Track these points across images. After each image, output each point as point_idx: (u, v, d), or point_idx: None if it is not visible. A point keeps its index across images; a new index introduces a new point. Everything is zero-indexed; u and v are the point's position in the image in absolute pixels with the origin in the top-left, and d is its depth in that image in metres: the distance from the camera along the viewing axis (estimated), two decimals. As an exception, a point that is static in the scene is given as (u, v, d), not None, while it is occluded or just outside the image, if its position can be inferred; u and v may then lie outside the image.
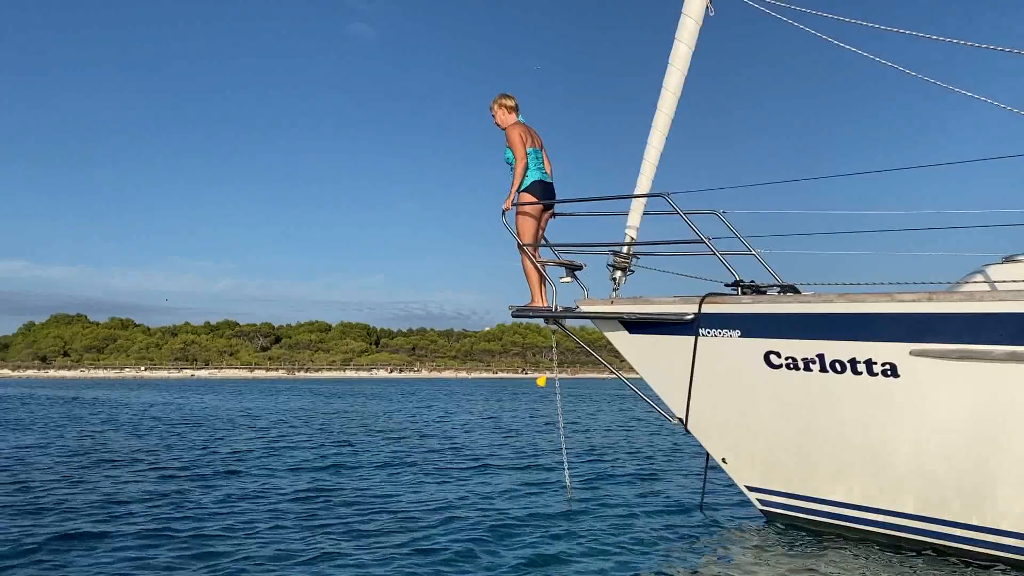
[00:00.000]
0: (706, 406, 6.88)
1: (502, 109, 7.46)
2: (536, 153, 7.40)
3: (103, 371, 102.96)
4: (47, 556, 5.86)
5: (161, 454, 12.55)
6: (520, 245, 7.41)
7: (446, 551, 6.11)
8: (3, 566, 5.56)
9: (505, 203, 7.33)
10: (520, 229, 7.36)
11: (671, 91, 7.25)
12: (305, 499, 8.27)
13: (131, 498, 8.26)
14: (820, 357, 6.02)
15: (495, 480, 9.72)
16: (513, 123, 7.40)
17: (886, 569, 5.57)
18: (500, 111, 7.47)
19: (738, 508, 7.66)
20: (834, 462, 6.23)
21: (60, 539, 6.37)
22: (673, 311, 6.74)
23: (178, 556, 5.85)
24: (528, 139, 7.33)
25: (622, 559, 5.95)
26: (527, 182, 7.27)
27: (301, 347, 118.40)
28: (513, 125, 7.37)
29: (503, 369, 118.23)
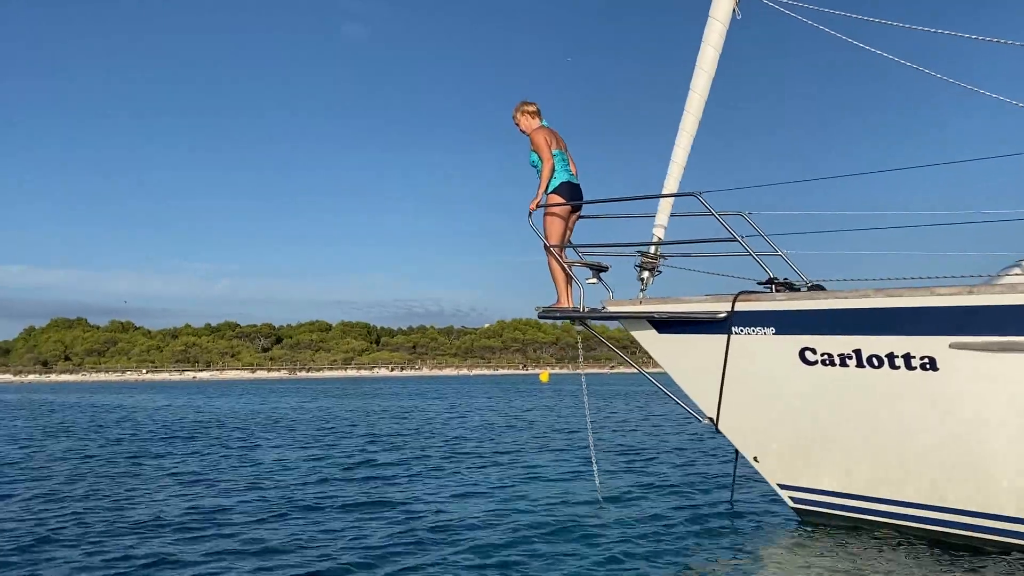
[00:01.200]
0: (738, 404, 6.91)
1: (525, 116, 7.55)
2: (562, 155, 7.45)
3: (105, 374, 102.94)
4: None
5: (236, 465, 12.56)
6: (546, 246, 7.44)
7: (474, 553, 6.14)
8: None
9: (531, 204, 7.37)
10: (547, 230, 7.39)
11: (698, 93, 7.28)
12: (346, 500, 8.31)
13: (226, 507, 8.30)
14: (857, 353, 6.06)
15: (524, 480, 9.74)
16: (537, 127, 7.48)
17: (925, 566, 5.61)
18: (523, 118, 7.55)
19: (768, 506, 7.69)
20: (871, 458, 6.27)
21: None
22: (705, 310, 6.77)
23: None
24: (553, 142, 7.39)
25: (653, 560, 5.98)
26: (555, 184, 7.32)
27: (302, 347, 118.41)
28: (537, 129, 7.45)
29: (503, 365, 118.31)
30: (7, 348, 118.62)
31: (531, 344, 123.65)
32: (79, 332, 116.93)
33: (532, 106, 7.53)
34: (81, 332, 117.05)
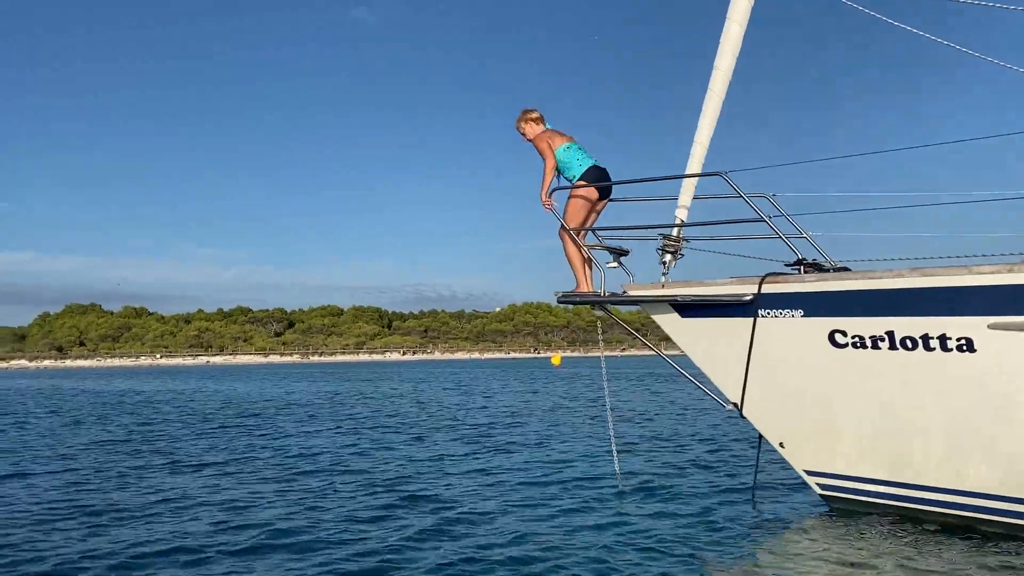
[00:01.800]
0: (764, 389, 6.76)
1: (528, 123, 7.55)
2: (578, 146, 7.35)
3: (119, 360, 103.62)
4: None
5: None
6: (564, 228, 7.28)
7: (493, 538, 6.08)
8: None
9: (542, 196, 7.27)
10: (569, 213, 7.24)
11: (722, 71, 7.09)
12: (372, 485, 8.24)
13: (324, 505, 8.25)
14: (890, 334, 5.89)
15: (542, 465, 9.66)
16: (540, 132, 7.48)
17: (957, 553, 5.48)
18: (527, 125, 7.55)
19: (792, 493, 7.56)
20: (904, 442, 6.12)
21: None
22: (731, 293, 6.62)
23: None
24: (556, 139, 7.36)
25: (674, 547, 5.88)
26: (582, 169, 7.23)
27: (314, 332, 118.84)
28: (540, 134, 7.46)
29: (515, 349, 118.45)
30: (22, 334, 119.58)
31: (542, 328, 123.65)
32: (93, 318, 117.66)
33: (534, 113, 7.56)
34: (95, 318, 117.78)
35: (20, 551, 5.91)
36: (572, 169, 7.26)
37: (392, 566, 5.42)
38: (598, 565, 5.45)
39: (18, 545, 6.10)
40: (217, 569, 5.43)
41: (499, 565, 5.48)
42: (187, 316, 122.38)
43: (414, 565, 5.44)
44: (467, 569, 5.38)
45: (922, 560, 5.36)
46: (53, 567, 5.50)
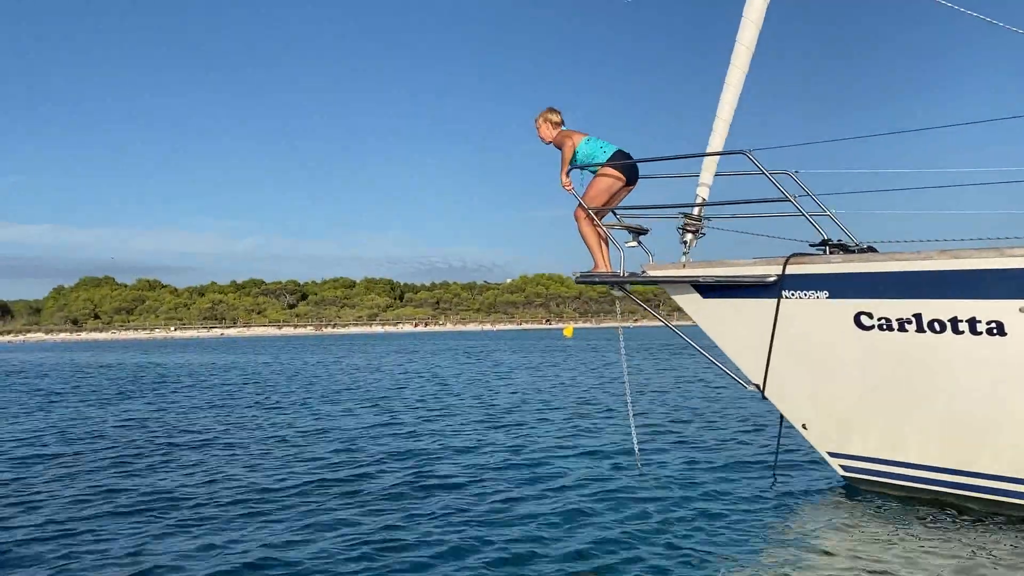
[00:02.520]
0: (787, 371, 6.67)
1: (547, 124, 7.46)
2: (594, 138, 7.31)
3: (133, 332, 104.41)
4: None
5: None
6: (582, 206, 7.15)
7: (509, 522, 6.06)
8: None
9: (561, 178, 7.21)
10: (592, 193, 7.14)
11: (745, 45, 6.91)
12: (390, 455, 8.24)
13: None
14: (917, 317, 5.78)
15: (560, 447, 9.63)
16: (556, 134, 7.40)
17: (980, 537, 5.42)
18: (546, 126, 7.46)
19: (813, 474, 7.49)
20: (931, 425, 6.03)
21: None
22: (754, 273, 6.50)
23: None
24: (575, 137, 7.27)
25: (695, 528, 5.85)
26: (610, 152, 7.13)
27: (327, 304, 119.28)
28: (557, 134, 7.39)
29: (527, 320, 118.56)
30: (38, 307, 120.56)
31: (554, 299, 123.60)
32: (107, 291, 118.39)
33: (556, 116, 7.46)
34: (109, 291, 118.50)
35: (74, 536, 5.93)
36: (597, 157, 7.19)
37: (403, 545, 5.40)
38: (616, 544, 5.44)
39: (73, 530, 6.12)
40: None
41: (515, 543, 5.48)
42: (201, 288, 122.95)
43: (431, 542, 5.42)
44: (483, 547, 5.37)
45: (946, 543, 5.30)
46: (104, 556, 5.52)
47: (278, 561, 5.26)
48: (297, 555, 5.37)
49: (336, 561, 5.23)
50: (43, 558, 5.42)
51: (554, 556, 5.27)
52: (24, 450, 10.08)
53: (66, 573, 5.13)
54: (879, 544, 5.36)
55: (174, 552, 5.50)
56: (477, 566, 5.11)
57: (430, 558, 5.27)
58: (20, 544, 5.75)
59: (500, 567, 5.09)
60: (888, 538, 5.47)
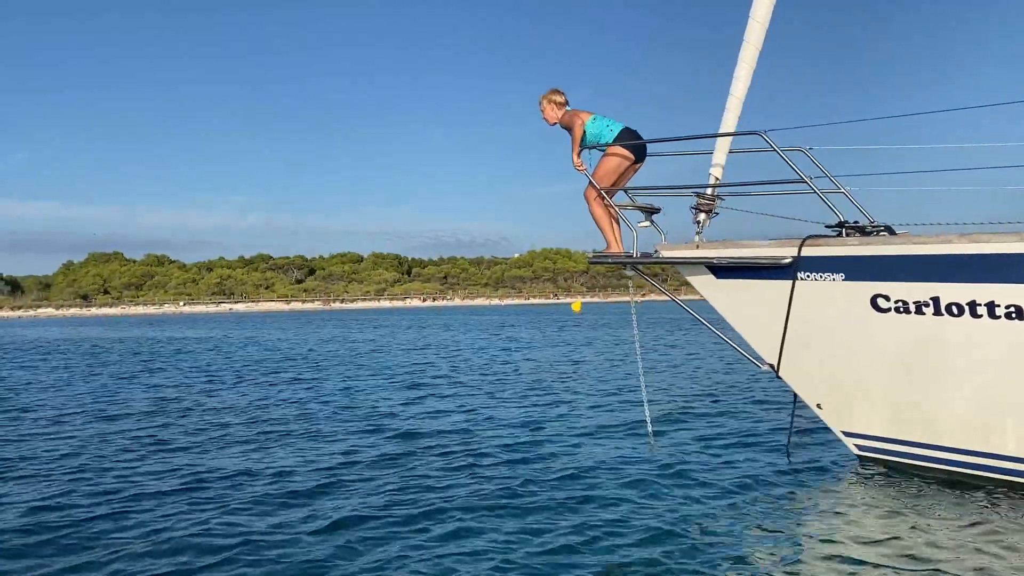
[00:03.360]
0: (801, 351, 6.66)
1: (552, 105, 7.35)
2: (599, 116, 7.24)
3: (143, 307, 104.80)
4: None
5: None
6: (593, 186, 7.11)
7: (520, 501, 6.10)
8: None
9: (573, 159, 7.13)
10: (601, 172, 7.09)
11: (759, 21, 6.83)
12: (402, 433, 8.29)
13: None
14: (934, 300, 5.75)
15: (574, 424, 9.66)
16: (562, 114, 7.31)
17: (995, 515, 5.43)
18: (550, 108, 7.34)
19: (827, 453, 7.50)
20: (947, 406, 6.03)
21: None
22: (769, 255, 6.47)
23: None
24: (581, 115, 7.20)
25: (709, 509, 5.88)
26: (616, 131, 7.09)
27: (335, 279, 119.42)
28: (563, 115, 7.30)
29: (534, 295, 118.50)
30: (47, 283, 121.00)
31: (562, 273, 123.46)
32: (116, 266, 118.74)
33: (560, 96, 7.35)
34: (118, 266, 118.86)
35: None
36: (604, 137, 7.13)
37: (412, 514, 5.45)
38: (629, 522, 5.48)
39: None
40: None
41: (525, 522, 5.53)
42: (209, 264, 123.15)
43: (445, 517, 5.46)
44: (497, 525, 5.42)
45: (959, 521, 5.33)
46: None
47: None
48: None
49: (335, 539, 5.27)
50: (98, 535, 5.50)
51: (565, 534, 5.29)
52: (94, 426, 10.17)
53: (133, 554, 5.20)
54: (893, 522, 5.39)
55: (231, 532, 5.56)
56: (487, 547, 5.13)
57: (446, 536, 5.31)
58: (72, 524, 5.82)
59: (510, 547, 5.11)
60: (902, 516, 5.50)
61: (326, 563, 4.91)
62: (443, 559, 4.93)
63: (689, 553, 4.97)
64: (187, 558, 5.04)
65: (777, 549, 5.04)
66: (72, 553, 5.20)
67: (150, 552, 5.16)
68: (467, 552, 5.06)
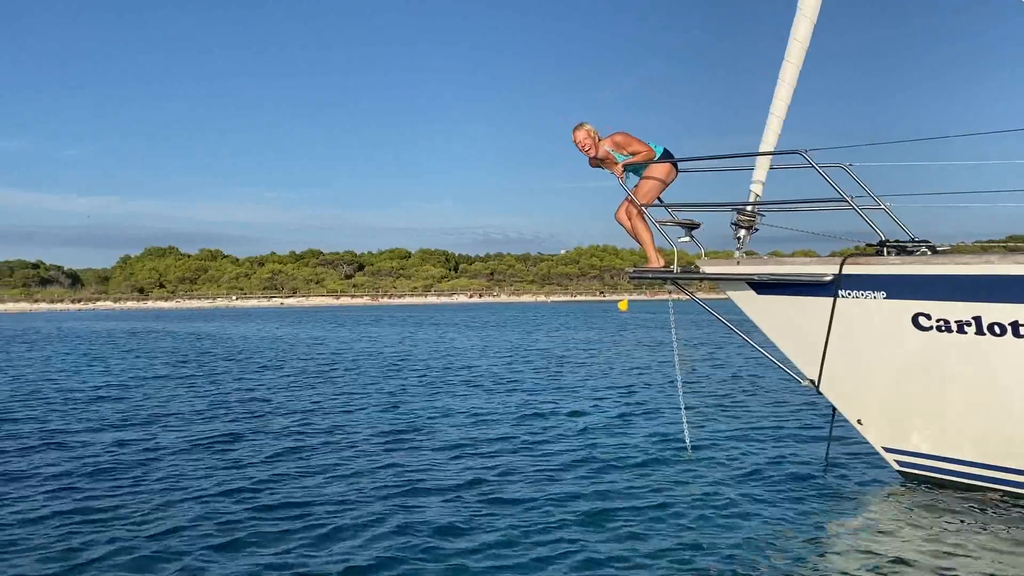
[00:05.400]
0: (842, 367, 6.70)
1: (589, 137, 7.37)
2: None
3: (197, 301, 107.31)
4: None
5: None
6: (634, 203, 7.23)
7: (556, 508, 6.25)
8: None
9: (617, 171, 7.25)
10: (644, 190, 7.25)
11: (799, 40, 6.87)
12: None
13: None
14: (976, 320, 5.76)
15: (612, 433, 9.77)
16: (606, 142, 7.34)
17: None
18: (589, 140, 7.37)
19: (866, 468, 7.50)
20: (988, 425, 6.04)
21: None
22: (810, 272, 6.52)
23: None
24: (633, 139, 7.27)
25: (745, 519, 5.96)
26: (659, 152, 7.27)
27: (383, 274, 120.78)
28: (612, 142, 7.31)
29: (581, 292, 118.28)
30: (105, 276, 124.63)
31: (609, 271, 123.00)
32: (171, 260, 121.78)
33: (591, 128, 7.38)
34: (173, 260, 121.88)
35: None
36: (658, 149, 7.29)
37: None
38: (664, 529, 5.62)
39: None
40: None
41: (562, 524, 5.71)
42: (261, 259, 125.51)
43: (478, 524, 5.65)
44: (533, 531, 5.58)
45: (1002, 541, 5.34)
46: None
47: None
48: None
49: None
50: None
51: (601, 539, 5.44)
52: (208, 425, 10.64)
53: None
54: (932, 540, 5.43)
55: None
56: (525, 546, 5.30)
57: (487, 545, 5.50)
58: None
59: (547, 548, 5.28)
60: (942, 534, 5.53)
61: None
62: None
63: (725, 562, 5.09)
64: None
65: (813, 563, 5.11)
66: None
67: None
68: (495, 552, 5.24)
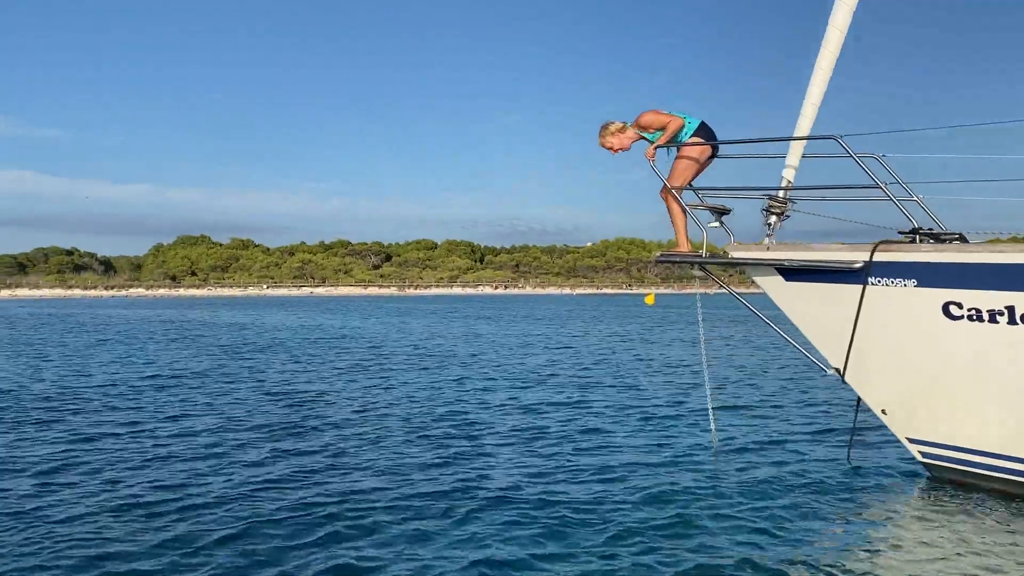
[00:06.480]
0: (869, 356, 6.66)
1: (615, 136, 7.24)
2: (678, 112, 7.18)
3: (229, 289, 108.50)
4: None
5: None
6: (667, 188, 7.19)
7: (584, 501, 6.26)
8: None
9: (649, 151, 7.14)
10: (677, 171, 7.14)
11: (837, 28, 6.80)
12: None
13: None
14: (1010, 309, 5.70)
15: (636, 428, 9.79)
16: (634, 129, 7.23)
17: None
18: (615, 138, 7.25)
19: (889, 458, 7.48)
20: (1018, 416, 5.95)
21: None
22: (841, 258, 6.48)
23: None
24: (662, 112, 7.13)
25: (769, 510, 5.94)
26: (695, 124, 7.07)
27: (410, 265, 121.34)
28: (641, 117, 7.17)
29: (607, 285, 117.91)
30: (138, 263, 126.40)
31: (635, 263, 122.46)
32: (203, 249, 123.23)
33: (616, 124, 7.26)
34: (205, 249, 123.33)
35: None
36: (682, 134, 7.12)
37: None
38: (688, 520, 5.64)
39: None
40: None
41: (586, 517, 5.73)
42: (291, 248, 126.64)
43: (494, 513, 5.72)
44: (556, 521, 5.64)
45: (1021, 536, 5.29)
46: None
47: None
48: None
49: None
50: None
51: (625, 529, 5.47)
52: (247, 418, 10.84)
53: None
54: (953, 531, 5.42)
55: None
56: (545, 539, 5.35)
57: (505, 534, 5.57)
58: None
59: (568, 539, 5.30)
60: (963, 526, 5.51)
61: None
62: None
63: (743, 547, 5.13)
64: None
65: (832, 551, 5.13)
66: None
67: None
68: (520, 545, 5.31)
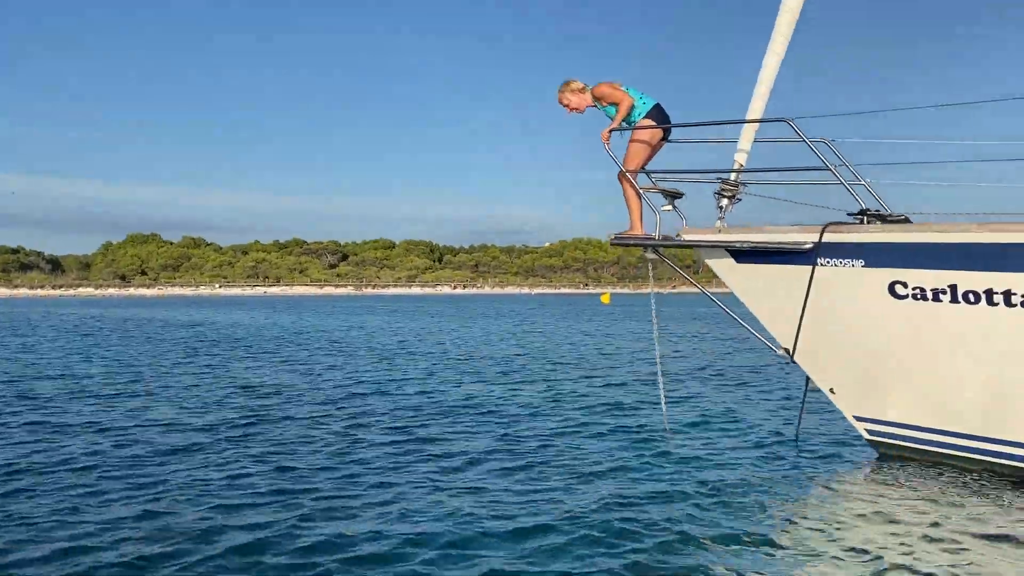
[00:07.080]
0: (817, 336, 6.75)
1: (575, 94, 7.23)
2: (631, 88, 7.18)
3: (180, 289, 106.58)
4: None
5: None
6: (622, 172, 7.22)
7: (533, 480, 6.24)
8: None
9: (603, 133, 7.13)
10: (630, 154, 7.16)
11: (789, 11, 6.87)
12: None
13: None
14: (952, 288, 5.81)
15: (589, 412, 9.81)
16: (589, 95, 7.22)
17: (1004, 502, 5.51)
18: (574, 96, 7.23)
19: (837, 437, 7.60)
20: (959, 393, 6.11)
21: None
22: (790, 240, 6.55)
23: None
24: (618, 88, 7.13)
25: (719, 495, 5.88)
26: (646, 108, 7.08)
27: (367, 264, 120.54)
28: (598, 91, 7.17)
29: (564, 284, 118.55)
30: (87, 262, 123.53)
31: (592, 263, 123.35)
32: (154, 247, 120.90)
33: (577, 83, 7.26)
34: (156, 247, 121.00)
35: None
36: (637, 110, 7.12)
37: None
38: (642, 511, 5.55)
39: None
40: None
41: (536, 510, 5.57)
42: (244, 247, 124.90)
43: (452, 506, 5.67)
44: (514, 514, 5.58)
45: (972, 508, 5.41)
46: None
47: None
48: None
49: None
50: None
51: (577, 523, 5.24)
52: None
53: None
54: (899, 508, 5.47)
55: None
56: (499, 533, 5.15)
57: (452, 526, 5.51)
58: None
59: (519, 534, 5.05)
60: (909, 501, 5.59)
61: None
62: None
63: (689, 522, 5.14)
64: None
65: (780, 532, 5.10)
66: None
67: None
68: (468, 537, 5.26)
